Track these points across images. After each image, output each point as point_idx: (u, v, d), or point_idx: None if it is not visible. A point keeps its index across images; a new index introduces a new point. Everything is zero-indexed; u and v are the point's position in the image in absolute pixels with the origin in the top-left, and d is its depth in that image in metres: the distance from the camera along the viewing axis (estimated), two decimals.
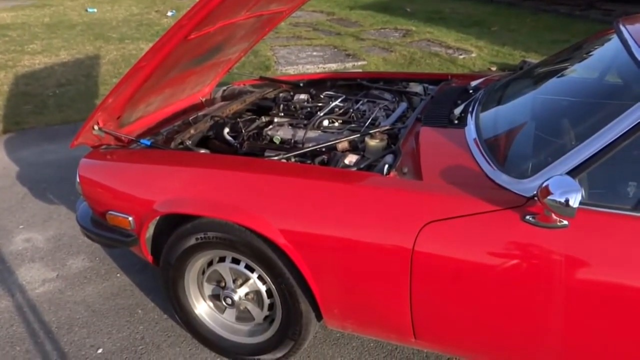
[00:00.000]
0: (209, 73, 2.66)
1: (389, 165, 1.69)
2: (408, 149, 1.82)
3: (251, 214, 1.65)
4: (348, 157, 1.89)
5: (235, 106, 2.61)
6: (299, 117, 2.47)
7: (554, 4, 8.93)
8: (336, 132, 2.25)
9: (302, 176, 1.71)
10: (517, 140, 1.75)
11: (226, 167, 1.84)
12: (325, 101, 2.63)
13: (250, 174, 1.78)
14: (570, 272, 1.34)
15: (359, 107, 2.49)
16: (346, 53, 6.40)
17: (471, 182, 1.52)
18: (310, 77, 3.01)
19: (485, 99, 2.02)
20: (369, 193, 1.59)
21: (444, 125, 1.90)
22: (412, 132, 1.95)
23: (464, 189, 1.49)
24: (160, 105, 2.42)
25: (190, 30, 1.81)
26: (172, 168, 1.91)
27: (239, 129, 2.35)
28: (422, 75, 2.90)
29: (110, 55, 6.36)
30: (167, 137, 2.28)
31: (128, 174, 1.96)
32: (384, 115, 2.36)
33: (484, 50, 6.43)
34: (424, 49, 6.55)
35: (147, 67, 1.88)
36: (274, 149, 2.17)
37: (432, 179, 1.57)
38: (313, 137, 2.21)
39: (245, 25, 2.35)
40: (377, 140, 1.97)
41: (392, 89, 2.69)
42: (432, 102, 2.21)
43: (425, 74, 3.03)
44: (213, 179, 1.80)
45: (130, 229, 1.91)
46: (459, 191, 1.49)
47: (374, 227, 1.52)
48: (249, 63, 5.91)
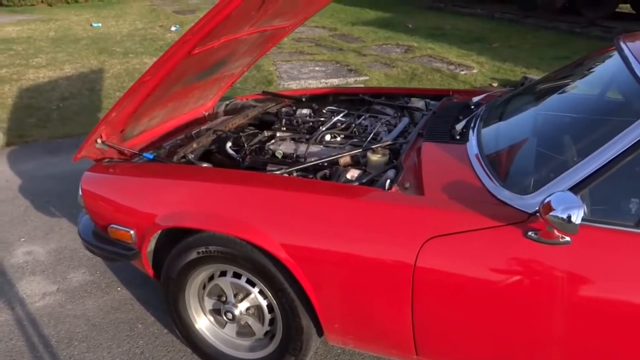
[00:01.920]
0: (212, 87, 2.68)
1: (390, 180, 1.69)
2: (410, 164, 1.82)
3: (253, 228, 1.65)
4: (350, 172, 1.90)
5: (237, 120, 2.62)
6: (301, 131, 2.48)
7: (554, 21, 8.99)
8: (338, 146, 2.26)
9: (304, 191, 1.71)
10: (519, 156, 1.76)
11: (228, 181, 1.85)
12: (327, 116, 2.65)
13: (252, 188, 1.78)
14: (573, 288, 1.34)
15: (361, 122, 2.50)
16: (348, 68, 6.44)
17: (473, 198, 1.52)
18: (313, 92, 3.03)
19: (486, 115, 2.03)
20: (370, 208, 1.59)
21: (445, 140, 1.91)
22: (414, 148, 1.95)
23: (466, 204, 1.49)
24: (163, 119, 2.44)
25: (194, 45, 1.83)
26: (174, 182, 1.91)
27: (241, 143, 2.36)
28: (424, 90, 2.92)
29: (114, 69, 6.40)
30: (170, 150, 2.29)
31: (130, 188, 1.97)
32: (385, 131, 2.37)
33: (485, 67, 6.46)
34: (426, 64, 6.59)
35: (151, 81, 1.89)
36: (276, 163, 2.18)
37: (434, 195, 1.57)
38: (315, 151, 2.22)
39: (249, 41, 2.37)
40: (379, 155, 1.97)
41: (394, 104, 2.71)
42: (434, 118, 2.22)
43: (427, 89, 3.05)
44: (215, 193, 1.80)
45: (132, 243, 1.91)
46: (461, 207, 1.49)
47: (376, 242, 1.52)
48: (251, 78, 5.95)
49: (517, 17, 9.69)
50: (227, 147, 2.34)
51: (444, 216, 1.49)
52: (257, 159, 2.24)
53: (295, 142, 2.35)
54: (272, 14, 2.16)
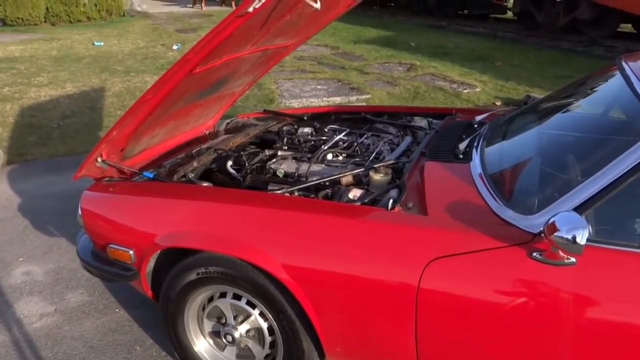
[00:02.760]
0: (213, 106, 2.70)
1: (393, 200, 1.69)
2: (413, 183, 1.82)
3: (253, 249, 1.65)
4: (352, 192, 1.90)
5: (238, 139, 2.63)
6: (302, 150, 2.49)
7: (556, 40, 9.07)
8: (340, 166, 2.26)
9: (306, 210, 1.71)
10: (522, 176, 1.76)
11: (229, 200, 1.85)
12: (329, 135, 2.66)
13: (252, 207, 1.78)
14: (579, 310, 1.33)
15: (363, 141, 2.51)
16: (350, 87, 6.48)
17: (477, 218, 1.52)
18: (315, 110, 3.05)
19: (490, 134, 2.04)
20: (373, 228, 1.59)
21: (449, 159, 1.91)
22: (417, 167, 1.96)
23: (470, 224, 1.49)
24: (164, 137, 2.45)
25: (196, 65, 1.84)
26: (174, 201, 1.91)
27: (242, 162, 2.37)
28: (427, 109, 2.93)
29: (115, 88, 6.46)
30: (170, 169, 2.29)
31: (130, 207, 1.97)
32: (388, 150, 2.37)
33: (488, 85, 6.50)
34: (428, 83, 6.63)
35: (152, 100, 1.91)
36: (278, 182, 2.18)
37: (438, 214, 1.57)
38: (317, 170, 2.22)
39: (251, 59, 2.39)
40: (382, 174, 1.97)
41: (396, 123, 2.72)
42: (437, 137, 2.23)
43: (430, 108, 3.06)
44: (215, 213, 1.80)
45: (131, 263, 1.91)
46: (465, 227, 1.49)
47: (379, 263, 1.51)
48: (253, 96, 5.99)
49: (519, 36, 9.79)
50: (228, 166, 2.34)
51: (447, 237, 1.48)
52: (258, 178, 2.24)
53: (296, 161, 2.36)
54: (274, 33, 2.19)
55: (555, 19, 9.33)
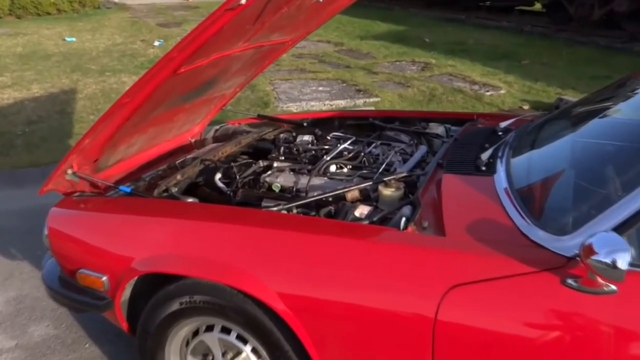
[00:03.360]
0: (200, 110, 2.71)
1: (406, 218, 1.69)
2: (428, 199, 1.82)
3: (245, 275, 1.64)
4: (359, 209, 1.90)
5: (228, 148, 2.64)
6: (302, 161, 2.50)
7: (591, 36, 9.12)
8: (345, 179, 2.27)
9: (306, 231, 1.71)
10: (554, 191, 1.76)
11: (217, 219, 1.85)
12: (332, 143, 2.67)
13: (244, 227, 1.78)
14: (621, 345, 1.31)
15: (371, 151, 2.51)
16: (357, 88, 6.52)
17: (502, 239, 1.52)
18: (316, 115, 3.06)
19: (517, 143, 2.04)
20: (383, 251, 1.58)
21: (469, 172, 1.91)
22: (433, 180, 1.96)
23: (494, 247, 1.48)
24: (144, 146, 2.46)
25: (181, 64, 1.86)
26: (155, 219, 1.91)
27: (232, 174, 2.37)
28: (444, 114, 2.95)
29: (89, 90, 6.50)
30: (150, 183, 2.30)
31: (103, 226, 1.97)
32: (400, 160, 2.38)
33: (514, 87, 6.53)
34: (446, 84, 6.66)
35: (131, 103, 1.92)
36: (273, 198, 2.18)
37: (457, 235, 1.57)
38: (318, 184, 2.23)
39: (243, 58, 2.41)
40: (393, 189, 1.98)
41: (409, 130, 2.73)
42: (456, 146, 2.24)
43: (448, 113, 3.08)
44: (202, 233, 1.80)
45: (104, 291, 1.90)
46: (488, 249, 1.48)
47: (390, 291, 1.51)
48: (245, 99, 6.03)
49: (549, 30, 9.86)
50: (217, 179, 2.35)
51: (469, 261, 1.48)
52: (251, 193, 2.25)
53: (295, 173, 2.36)
54: (270, 27, 2.21)
55: (590, 12, 9.39)
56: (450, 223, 1.63)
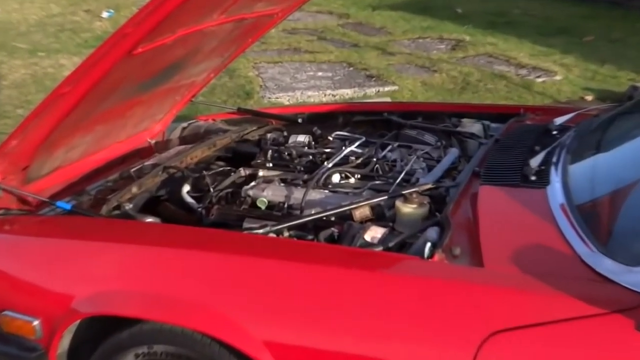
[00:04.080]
0: (163, 103, 2.71)
1: (432, 243, 1.69)
2: (461, 219, 1.83)
3: (221, 319, 1.64)
4: (370, 231, 1.90)
5: (200, 152, 2.64)
6: (295, 169, 2.50)
7: None
8: (352, 192, 2.27)
9: (301, 260, 1.71)
10: (627, 208, 1.76)
11: (185, 245, 1.85)
12: (335, 146, 2.67)
13: (220, 256, 1.78)
14: None
15: (386, 155, 2.52)
16: (367, 74, 6.54)
17: (558, 271, 1.52)
18: (314, 109, 3.07)
19: (577, 145, 2.04)
20: (402, 287, 1.58)
21: (515, 183, 1.92)
22: (467, 194, 1.97)
23: (547, 281, 1.48)
24: (89, 150, 2.46)
25: (138, 42, 1.86)
26: (102, 246, 1.91)
27: (205, 186, 2.37)
28: (481, 107, 2.95)
29: (15, 75, 6.50)
30: (97, 198, 2.30)
31: (35, 255, 1.97)
32: (424, 168, 2.39)
33: (573, 71, 6.55)
34: (484, 68, 6.68)
35: (71, 94, 1.92)
36: (258, 217, 2.18)
37: (498, 266, 1.57)
38: (317, 200, 2.23)
39: (219, 34, 2.42)
40: (414, 205, 1.98)
41: (436, 127, 2.74)
42: (497, 149, 2.24)
43: (486, 105, 3.08)
44: (164, 264, 1.80)
45: (35, 339, 1.89)
46: (540, 285, 1.48)
47: (411, 339, 1.51)
48: (221, 88, 6.03)
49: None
50: (184, 193, 2.35)
51: (514, 300, 1.48)
52: (229, 210, 2.25)
53: (286, 185, 2.37)
54: None
55: None
56: (490, 250, 1.63)
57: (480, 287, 1.54)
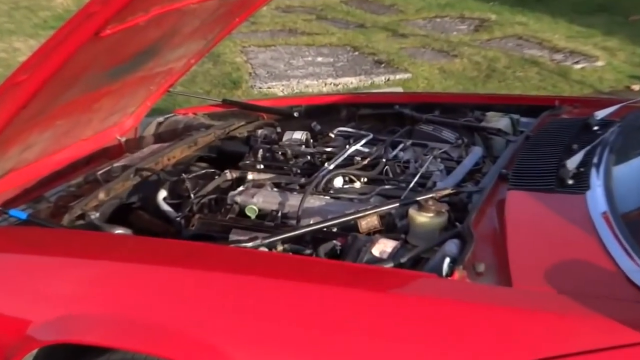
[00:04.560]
0: (135, 94, 2.71)
1: (451, 258, 1.69)
2: (485, 229, 1.83)
3: (204, 348, 1.64)
4: (379, 245, 1.90)
5: (178, 151, 2.65)
6: (291, 171, 2.51)
7: None
8: (357, 199, 2.28)
9: (297, 278, 1.71)
10: None
11: (160, 261, 1.85)
12: (338, 144, 2.68)
13: (203, 274, 1.79)
14: None
15: (397, 155, 2.53)
16: (375, 59, 6.54)
17: (599, 290, 1.52)
18: (312, 100, 3.07)
19: (621, 143, 2.05)
20: (416, 310, 1.58)
21: (548, 187, 1.92)
22: (493, 201, 1.97)
23: (587, 302, 1.49)
24: (48, 149, 2.46)
25: (106, 22, 1.86)
26: (64, 262, 1.92)
27: (184, 191, 2.38)
28: (510, 99, 2.95)
29: None
30: (57, 205, 2.30)
31: None
32: (442, 170, 2.40)
33: (617, 56, 6.55)
34: (512, 52, 6.69)
35: (28, 83, 1.92)
36: (247, 228, 2.18)
37: (530, 284, 1.57)
38: (316, 207, 2.23)
39: (200, 13, 2.42)
40: (431, 213, 1.98)
41: (456, 122, 2.75)
42: (528, 147, 2.25)
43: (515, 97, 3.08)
44: (136, 284, 1.80)
45: None
46: (578, 306, 1.48)
47: None
48: (203, 76, 6.04)
49: None
50: (160, 200, 2.35)
51: (547, 324, 1.48)
52: (213, 220, 2.25)
53: (280, 190, 2.37)
54: None
55: None
56: (520, 266, 1.63)
57: (508, 310, 1.54)
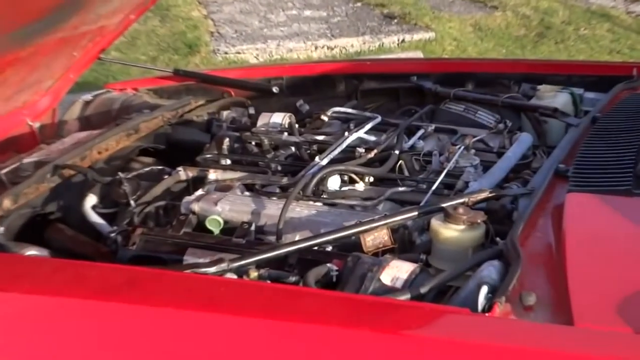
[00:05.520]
0: (53, 62, 2.72)
1: (490, 287, 1.70)
2: (537, 246, 1.85)
3: None
4: (390, 268, 1.90)
5: (113, 142, 2.66)
6: (269, 169, 2.53)
7: None
8: (360, 205, 2.29)
9: (278, 317, 1.72)
10: None
11: (87, 293, 1.86)
12: (333, 130, 2.71)
13: (146, 311, 1.79)
14: None
15: (415, 145, 2.55)
16: (385, 12, 6.57)
17: None
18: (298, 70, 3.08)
19: None
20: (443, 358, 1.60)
21: (623, 189, 1.94)
22: (547, 207, 1.99)
23: None
24: None
25: None
26: None
27: (121, 197, 2.40)
28: (570, 67, 2.95)
29: None
30: None
31: None
32: (476, 165, 2.42)
33: None
34: (574, 1, 6.71)
35: None
36: (209, 246, 2.20)
37: (597, 322, 1.58)
38: (303, 218, 2.25)
39: None
40: (461, 225, 1.99)
41: (496, 100, 2.77)
42: (595, 134, 2.26)
43: (578, 64, 3.08)
44: (55, 325, 1.81)
45: None
46: None
47: None
48: (147, 36, 6.05)
49: None
50: (88, 208, 2.36)
51: None
52: (162, 236, 2.26)
53: (254, 195, 2.39)
54: None
55: None
56: (584, 297, 1.64)
57: (568, 357, 1.55)
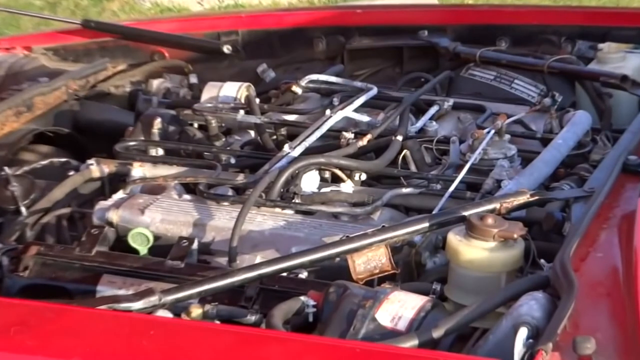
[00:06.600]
0: None
1: (531, 329, 1.72)
2: (598, 272, 1.88)
3: None
4: (389, 303, 1.93)
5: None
6: (218, 161, 2.56)
7: None
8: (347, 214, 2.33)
9: None
10: None
11: None
12: (308, 107, 2.75)
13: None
14: None
15: (425, 128, 2.59)
16: None
17: None
18: (258, 20, 3.11)
19: None
20: None
21: None
22: (612, 215, 2.02)
23: None
24: None
25: None
26: None
27: (8, 201, 2.44)
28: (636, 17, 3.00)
29: None
30: None
31: None
32: (512, 157, 2.45)
33: None
34: None
35: None
36: (132, 272, 2.23)
37: None
38: (266, 231, 2.28)
39: None
40: (490, 241, 2.01)
41: (540, 63, 2.81)
42: None
43: None
44: None
45: None
46: None
47: None
48: None
49: None
50: None
51: None
52: (65, 257, 2.28)
53: (196, 198, 2.43)
54: None
55: None
56: None
57: None
